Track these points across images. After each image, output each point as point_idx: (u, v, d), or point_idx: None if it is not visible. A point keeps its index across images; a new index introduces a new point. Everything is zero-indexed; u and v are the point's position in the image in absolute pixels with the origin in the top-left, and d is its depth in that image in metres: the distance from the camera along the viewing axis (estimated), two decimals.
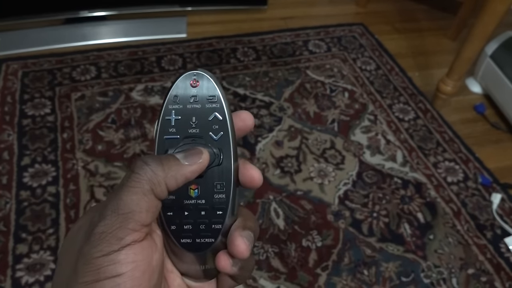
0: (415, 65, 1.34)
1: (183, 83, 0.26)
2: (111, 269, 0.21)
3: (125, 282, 0.21)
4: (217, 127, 0.26)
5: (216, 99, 0.26)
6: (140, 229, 0.22)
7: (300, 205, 0.92)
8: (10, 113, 1.05)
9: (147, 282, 0.22)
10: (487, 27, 0.98)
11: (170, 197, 0.25)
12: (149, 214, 0.23)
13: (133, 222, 0.22)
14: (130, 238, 0.22)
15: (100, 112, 1.07)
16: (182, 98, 0.26)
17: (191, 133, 0.26)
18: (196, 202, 0.25)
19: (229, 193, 0.26)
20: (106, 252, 0.21)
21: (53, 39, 1.26)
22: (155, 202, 0.23)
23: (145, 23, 1.36)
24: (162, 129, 0.26)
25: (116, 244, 0.21)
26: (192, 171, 0.24)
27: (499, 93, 1.17)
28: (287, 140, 1.05)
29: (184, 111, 0.26)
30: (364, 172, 1.00)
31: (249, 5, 1.47)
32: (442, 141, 1.09)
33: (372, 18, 1.52)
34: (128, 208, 0.22)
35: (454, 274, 0.83)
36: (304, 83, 1.21)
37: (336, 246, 0.86)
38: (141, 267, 0.22)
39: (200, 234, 0.26)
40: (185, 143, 0.25)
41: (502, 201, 0.96)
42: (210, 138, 0.26)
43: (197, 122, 0.26)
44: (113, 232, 0.22)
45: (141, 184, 0.23)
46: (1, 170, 0.92)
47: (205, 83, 0.26)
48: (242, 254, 0.25)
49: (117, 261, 0.21)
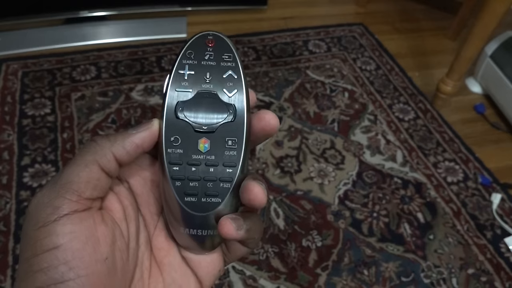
0: (415, 65, 1.34)
1: (199, 41, 0.26)
2: (47, 241, 0.20)
3: (64, 254, 0.20)
4: (231, 85, 0.25)
5: (231, 58, 0.26)
6: (78, 200, 0.21)
7: (300, 205, 0.92)
8: (10, 113, 1.05)
9: (92, 255, 0.21)
10: (487, 27, 0.98)
11: (178, 150, 0.24)
12: (89, 186, 0.22)
13: (70, 191, 0.21)
14: (66, 207, 0.21)
15: (100, 112, 1.07)
16: (196, 54, 0.25)
17: (204, 88, 0.25)
18: (205, 157, 0.24)
19: (240, 150, 0.25)
20: (42, 224, 0.20)
21: (53, 39, 1.26)
22: (98, 174, 0.22)
23: (145, 23, 1.36)
24: (175, 82, 0.25)
25: (52, 214, 0.21)
26: (141, 137, 0.24)
27: (499, 93, 1.17)
28: (287, 140, 1.05)
29: (198, 67, 0.25)
30: (364, 172, 1.00)
31: (249, 5, 1.47)
32: (442, 141, 1.09)
33: (372, 18, 1.52)
34: (66, 179, 0.21)
35: (454, 274, 0.83)
36: (304, 83, 1.21)
37: (336, 246, 0.86)
38: (81, 238, 0.21)
39: (206, 193, 0.24)
40: (197, 97, 0.25)
41: (502, 201, 0.96)
42: (224, 94, 0.25)
43: (211, 78, 0.25)
44: (50, 202, 0.21)
45: (84, 155, 0.22)
46: (1, 170, 0.92)
47: (221, 43, 0.26)
48: (258, 198, 0.23)
49: (53, 232, 0.20)
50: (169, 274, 0.26)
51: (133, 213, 0.25)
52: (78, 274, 0.20)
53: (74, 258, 0.20)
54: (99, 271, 0.21)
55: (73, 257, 0.20)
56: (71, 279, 0.20)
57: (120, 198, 0.25)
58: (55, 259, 0.20)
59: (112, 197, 0.24)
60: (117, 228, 0.23)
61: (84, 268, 0.21)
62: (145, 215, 0.26)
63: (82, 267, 0.21)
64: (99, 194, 0.23)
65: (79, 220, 0.21)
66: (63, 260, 0.20)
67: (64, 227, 0.21)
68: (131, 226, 0.25)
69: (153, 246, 0.26)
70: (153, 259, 0.26)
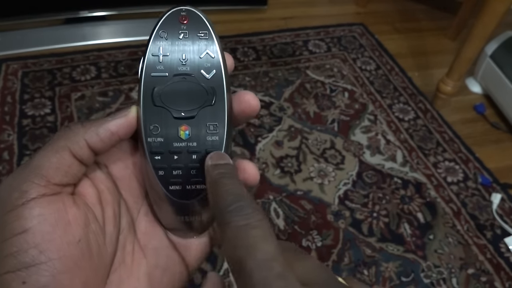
0: (415, 65, 1.34)
1: (171, 19, 0.24)
2: (16, 225, 0.20)
3: (33, 237, 0.20)
4: (209, 65, 0.24)
5: (207, 36, 0.24)
6: (47, 185, 0.21)
7: (300, 205, 0.92)
8: (10, 113, 1.05)
9: (62, 237, 0.21)
10: (487, 27, 0.98)
11: (158, 139, 0.23)
12: (59, 172, 0.21)
13: (39, 176, 0.21)
14: (34, 191, 0.20)
15: (100, 112, 1.07)
16: (170, 34, 0.24)
17: (181, 71, 0.24)
18: (187, 144, 0.24)
19: (223, 135, 0.24)
20: (10, 208, 0.20)
21: (53, 39, 1.26)
22: (69, 161, 0.22)
23: (145, 23, 1.36)
24: (149, 66, 0.24)
25: (19, 198, 0.20)
26: (117, 124, 0.23)
27: (499, 93, 1.17)
28: (287, 140, 1.05)
29: (172, 48, 0.24)
30: (364, 172, 1.00)
31: (249, 5, 1.47)
32: (442, 141, 1.09)
33: (372, 18, 1.52)
34: (36, 163, 0.21)
35: (454, 274, 0.83)
36: (304, 83, 1.21)
37: (336, 246, 0.86)
38: (50, 220, 0.20)
39: (190, 180, 0.24)
40: (174, 82, 0.24)
41: (502, 201, 0.96)
42: (201, 76, 0.24)
43: (188, 60, 0.24)
44: (18, 186, 0.20)
45: (56, 141, 0.22)
46: (1, 170, 0.92)
47: (195, 19, 0.24)
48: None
49: (22, 216, 0.20)
50: (153, 258, 0.25)
51: (110, 197, 0.24)
52: (49, 257, 0.20)
53: (44, 241, 0.20)
54: (72, 253, 0.21)
55: (43, 239, 0.20)
56: (43, 262, 0.20)
57: (94, 183, 0.24)
58: (24, 242, 0.20)
59: (85, 183, 0.24)
60: (90, 211, 0.23)
61: (55, 251, 0.20)
62: (127, 200, 0.26)
63: (53, 249, 0.20)
64: (70, 180, 0.22)
65: (47, 204, 0.21)
66: (32, 243, 0.20)
67: (32, 210, 0.20)
68: (108, 210, 0.24)
69: (137, 230, 0.26)
70: (136, 243, 0.25)
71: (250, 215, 0.19)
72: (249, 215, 0.19)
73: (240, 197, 0.20)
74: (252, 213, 0.19)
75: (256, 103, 0.24)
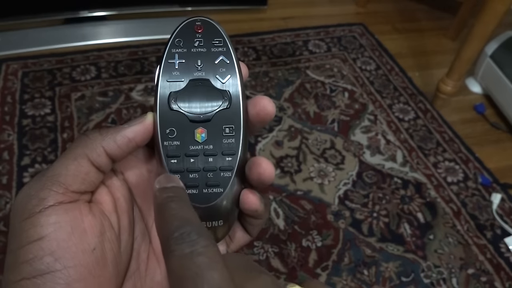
0: (415, 65, 1.34)
1: (186, 29, 0.25)
2: (32, 232, 0.20)
3: (49, 245, 0.20)
4: (224, 70, 0.24)
5: (222, 43, 0.25)
6: (65, 193, 0.21)
7: (300, 205, 0.92)
8: (10, 113, 1.05)
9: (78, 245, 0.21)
10: (487, 27, 0.98)
11: (175, 142, 0.23)
12: (77, 179, 0.21)
13: (57, 184, 0.21)
14: (52, 199, 0.20)
15: (100, 112, 1.07)
16: (185, 42, 0.25)
17: (196, 76, 0.24)
18: (203, 147, 0.24)
19: (239, 137, 0.24)
20: (27, 215, 0.20)
21: (53, 39, 1.26)
22: (87, 168, 0.22)
23: (145, 23, 1.36)
24: (165, 72, 0.24)
25: (37, 205, 0.20)
26: (134, 131, 0.23)
27: (499, 93, 1.17)
28: (287, 140, 1.05)
29: (188, 55, 0.24)
30: (364, 172, 1.00)
31: (249, 5, 1.47)
32: (442, 141, 1.09)
33: (372, 18, 1.52)
34: (54, 171, 0.21)
35: (454, 274, 0.83)
36: (304, 83, 1.21)
37: (336, 246, 0.86)
38: (66, 229, 0.20)
39: (207, 184, 0.24)
40: (190, 86, 0.24)
41: (502, 201, 0.96)
42: (217, 81, 0.24)
43: (203, 65, 0.24)
44: (35, 193, 0.21)
45: (74, 149, 0.22)
46: (1, 170, 0.92)
47: (210, 28, 0.25)
48: (267, 172, 0.23)
49: (38, 223, 0.20)
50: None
51: (125, 205, 0.24)
52: (64, 265, 0.20)
53: (60, 249, 0.20)
54: (86, 261, 0.21)
55: (59, 247, 0.20)
56: (58, 270, 0.20)
57: (111, 191, 0.24)
58: (40, 250, 0.20)
59: (102, 190, 0.24)
60: (106, 220, 0.23)
61: (70, 259, 0.20)
62: (142, 207, 0.26)
63: (68, 257, 0.20)
64: (88, 188, 0.22)
65: (64, 211, 0.21)
66: (48, 251, 0.20)
67: (48, 218, 0.20)
68: (123, 218, 0.24)
69: (152, 238, 0.26)
70: (151, 250, 0.25)
71: (195, 241, 0.18)
72: (194, 241, 0.18)
73: (186, 222, 0.19)
74: (197, 239, 0.18)
75: (272, 108, 0.24)
